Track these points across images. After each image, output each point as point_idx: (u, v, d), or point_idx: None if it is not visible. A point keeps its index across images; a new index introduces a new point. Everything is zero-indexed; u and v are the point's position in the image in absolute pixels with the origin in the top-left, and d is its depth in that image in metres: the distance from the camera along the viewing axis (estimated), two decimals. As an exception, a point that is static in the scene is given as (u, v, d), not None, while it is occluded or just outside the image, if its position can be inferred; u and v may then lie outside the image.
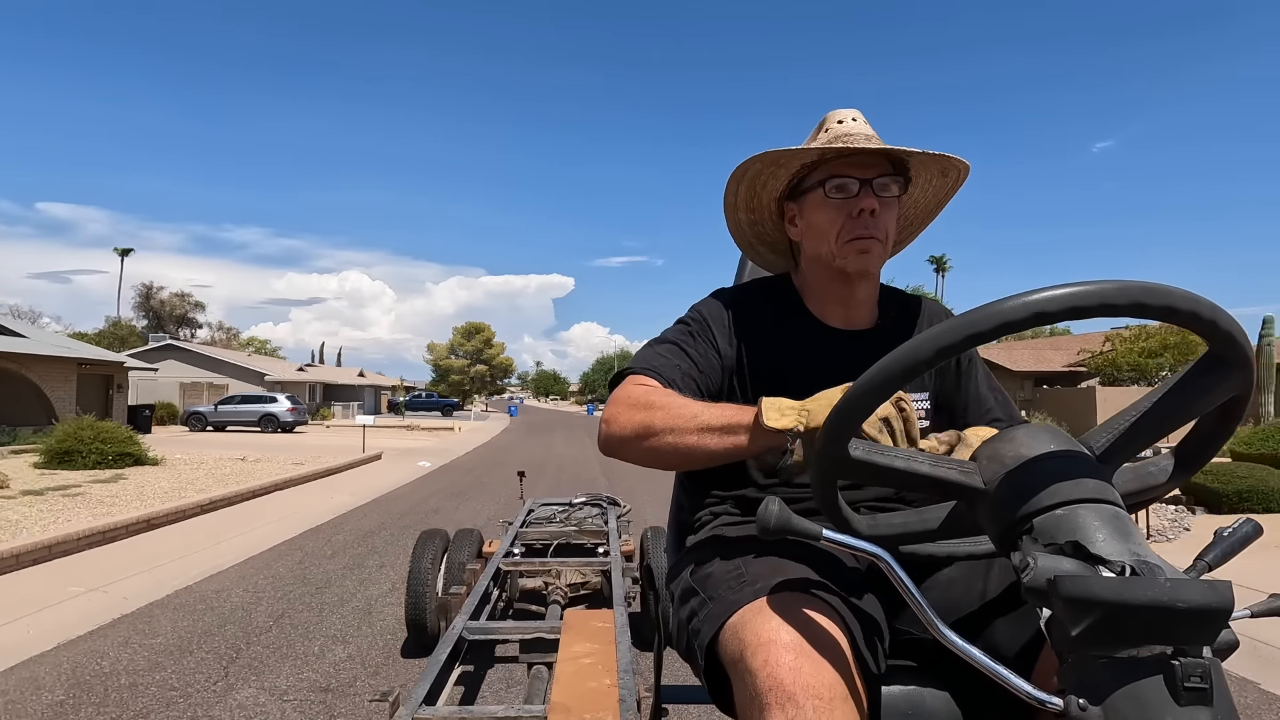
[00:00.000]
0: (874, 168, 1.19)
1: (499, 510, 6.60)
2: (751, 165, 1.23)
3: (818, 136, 1.24)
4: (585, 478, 13.24)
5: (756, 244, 1.38)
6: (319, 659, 3.98)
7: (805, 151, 1.20)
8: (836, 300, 1.26)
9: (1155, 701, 0.61)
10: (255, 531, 7.75)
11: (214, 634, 4.41)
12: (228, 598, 5.24)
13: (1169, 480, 0.89)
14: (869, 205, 1.17)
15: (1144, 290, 0.68)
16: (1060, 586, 0.63)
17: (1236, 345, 0.74)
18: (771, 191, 1.29)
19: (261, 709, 3.33)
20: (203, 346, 45.22)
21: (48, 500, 8.76)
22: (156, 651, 4.11)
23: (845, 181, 1.18)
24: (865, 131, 1.21)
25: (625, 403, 1.11)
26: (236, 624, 4.62)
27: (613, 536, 4.63)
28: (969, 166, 1.25)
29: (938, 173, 1.27)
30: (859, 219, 1.18)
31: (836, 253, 1.20)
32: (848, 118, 1.23)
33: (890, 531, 0.89)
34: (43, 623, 4.59)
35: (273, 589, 5.48)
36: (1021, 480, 0.76)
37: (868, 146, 1.17)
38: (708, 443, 1.00)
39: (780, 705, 0.81)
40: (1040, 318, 0.68)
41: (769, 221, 1.34)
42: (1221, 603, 0.61)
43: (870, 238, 1.18)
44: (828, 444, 0.81)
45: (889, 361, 0.75)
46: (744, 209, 1.32)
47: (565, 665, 2.41)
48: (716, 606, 0.98)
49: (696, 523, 1.29)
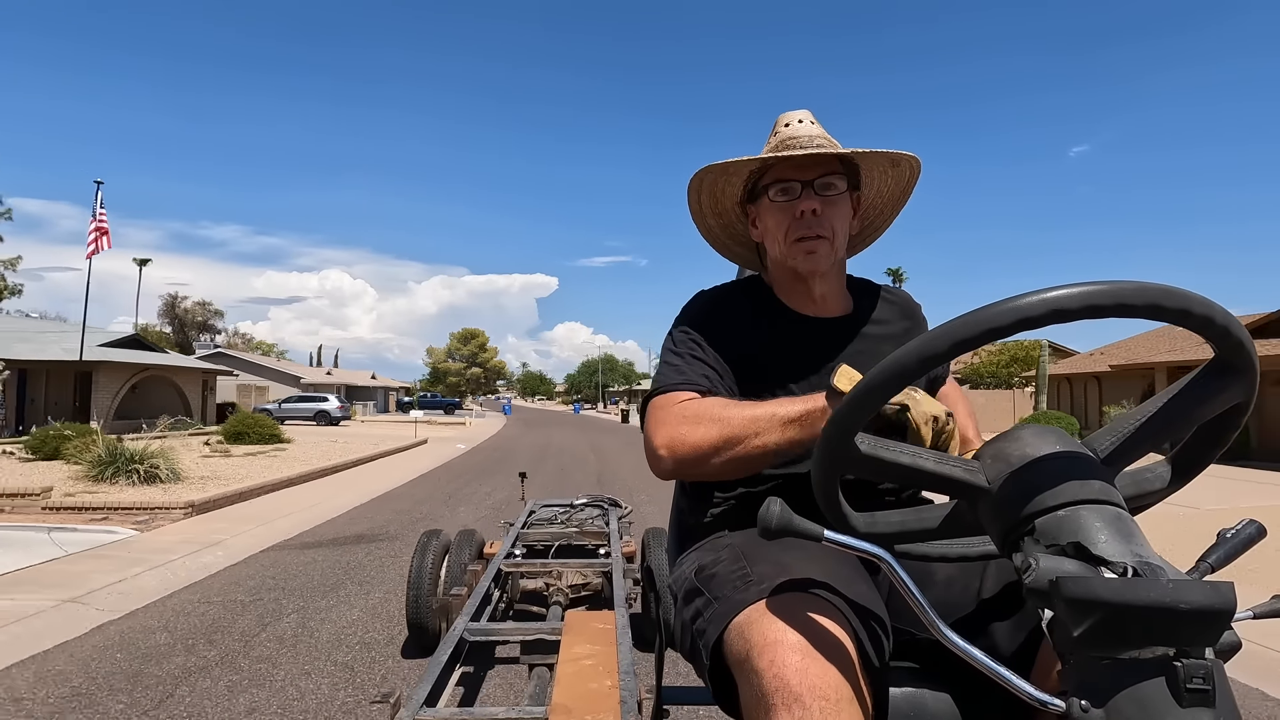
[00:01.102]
0: (815, 168, 1.21)
1: (528, 468, 9.32)
2: (705, 175, 1.27)
3: (770, 140, 1.27)
4: (578, 454, 18.93)
5: (732, 245, 1.42)
6: (475, 507, 9.27)
7: (750, 160, 1.23)
8: (804, 295, 1.29)
9: (1157, 703, 0.61)
10: (394, 475, 13.11)
11: (419, 504, 9.70)
12: (414, 493, 10.89)
13: (1166, 487, 0.89)
14: (809, 206, 1.21)
15: (1162, 293, 0.68)
16: (1062, 587, 0.63)
17: (1244, 353, 0.74)
18: (731, 197, 1.33)
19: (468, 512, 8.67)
20: (244, 353, 53.99)
21: (259, 459, 14.20)
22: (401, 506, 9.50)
23: (787, 184, 1.21)
24: (809, 133, 1.24)
25: (684, 421, 1.10)
26: (431, 501, 10.03)
27: (614, 537, 4.63)
28: (918, 160, 1.26)
29: (888, 164, 1.28)
30: (802, 220, 1.21)
31: (787, 254, 1.24)
32: (794, 120, 1.26)
33: (888, 529, 0.89)
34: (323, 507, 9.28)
35: (434, 490, 11.29)
36: (1026, 480, 0.76)
37: (797, 151, 1.19)
38: (792, 435, 1.01)
39: (787, 706, 0.81)
40: (1058, 315, 0.67)
41: (738, 224, 1.37)
42: (1224, 604, 0.61)
43: (815, 237, 1.21)
44: (836, 435, 0.79)
45: (903, 354, 0.74)
46: (711, 214, 1.36)
47: (566, 666, 2.41)
48: (721, 606, 0.97)
49: (699, 524, 1.29)
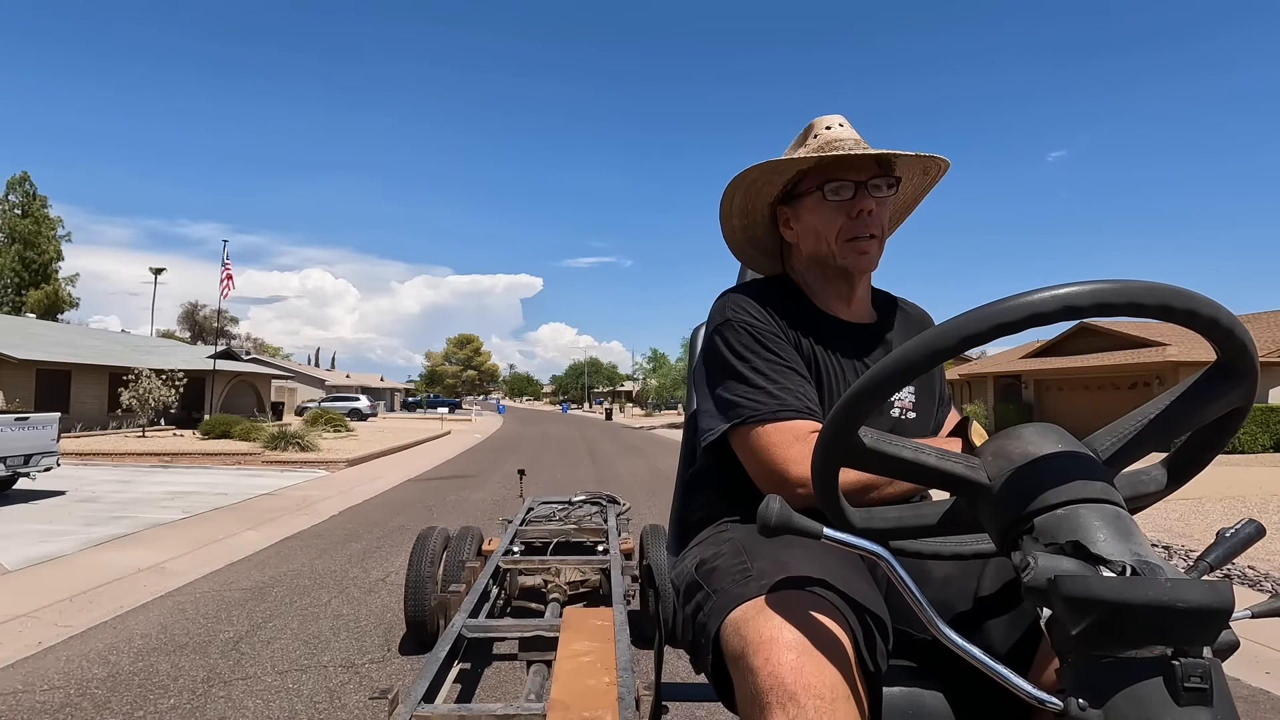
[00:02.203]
0: (867, 170, 1.25)
1: (534, 452, 12.69)
2: (750, 173, 1.29)
3: (806, 142, 1.29)
4: (573, 441, 23.90)
5: (749, 248, 1.44)
6: (510, 467, 12.19)
7: (803, 159, 1.25)
8: (839, 297, 1.31)
9: (1155, 702, 0.61)
10: (444, 452, 18.05)
11: (476, 463, 15.72)
12: (468, 459, 16.52)
13: (1161, 489, 0.90)
14: (867, 206, 1.23)
15: (1172, 293, 0.69)
16: (1061, 586, 0.63)
17: (1247, 356, 0.75)
18: (766, 197, 1.35)
19: (508, 469, 12.80)
20: (275, 359, 60.38)
21: (346, 440, 19.40)
22: (464, 464, 15.44)
23: (842, 185, 1.24)
24: (853, 136, 1.28)
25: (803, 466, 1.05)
26: (481, 462, 15.78)
27: (612, 534, 4.64)
28: (949, 163, 1.31)
29: (920, 171, 1.33)
30: (858, 219, 1.24)
31: (837, 252, 1.26)
32: (834, 123, 1.29)
33: (885, 525, 0.88)
34: (419, 465, 14.84)
35: (479, 459, 16.65)
36: (1028, 478, 0.76)
37: (860, 151, 1.22)
38: (929, 479, 0.98)
39: (782, 704, 0.81)
40: (1069, 311, 0.68)
41: (761, 226, 1.40)
42: (1222, 603, 0.61)
43: (870, 237, 1.24)
44: (841, 426, 0.78)
45: (913, 347, 0.73)
46: (738, 215, 1.38)
47: (564, 663, 2.41)
48: (720, 599, 0.98)
49: (700, 520, 1.29)
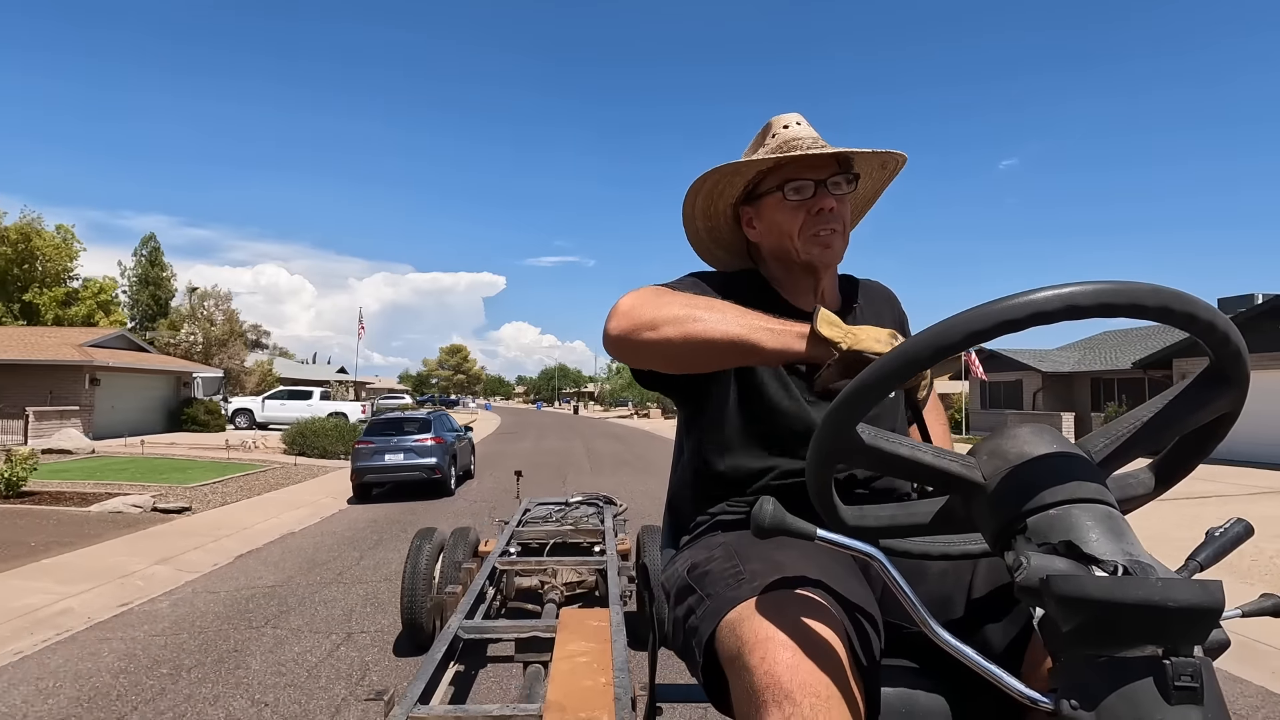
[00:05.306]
0: (826, 168, 1.25)
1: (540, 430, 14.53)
2: (710, 177, 1.30)
3: (765, 142, 1.30)
4: (559, 427, 28.41)
5: (714, 248, 1.45)
6: (536, 432, 31.73)
7: (761, 161, 1.26)
8: (806, 291, 1.32)
9: (1146, 701, 0.61)
10: (484, 428, 31.49)
11: (510, 435, 29.72)
12: (501, 435, 28.90)
13: (1148, 493, 0.91)
14: (827, 204, 1.24)
15: (1174, 296, 0.70)
16: (1053, 585, 0.63)
17: (1240, 362, 0.76)
18: (728, 199, 1.35)
19: (529, 443, 25.24)
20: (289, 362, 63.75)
21: None
22: (504, 433, 30.41)
23: (802, 184, 1.25)
24: (811, 134, 1.28)
25: (654, 293, 1.12)
26: (510, 437, 28.19)
27: (608, 535, 4.64)
28: (906, 157, 1.33)
29: (878, 165, 1.35)
30: (819, 216, 1.25)
31: (800, 248, 1.27)
32: (792, 122, 1.30)
33: (877, 524, 0.88)
34: (481, 431, 27.92)
35: (506, 436, 28.52)
36: (1024, 478, 0.76)
37: (818, 150, 1.23)
38: (760, 338, 1.01)
39: (778, 703, 0.81)
40: (1072, 310, 0.68)
41: (725, 227, 1.41)
42: (1212, 602, 0.61)
43: (831, 231, 1.25)
44: (840, 421, 0.78)
45: (916, 343, 0.73)
46: (701, 218, 1.39)
47: (561, 664, 2.41)
48: (714, 603, 0.98)
49: (692, 521, 1.29)
